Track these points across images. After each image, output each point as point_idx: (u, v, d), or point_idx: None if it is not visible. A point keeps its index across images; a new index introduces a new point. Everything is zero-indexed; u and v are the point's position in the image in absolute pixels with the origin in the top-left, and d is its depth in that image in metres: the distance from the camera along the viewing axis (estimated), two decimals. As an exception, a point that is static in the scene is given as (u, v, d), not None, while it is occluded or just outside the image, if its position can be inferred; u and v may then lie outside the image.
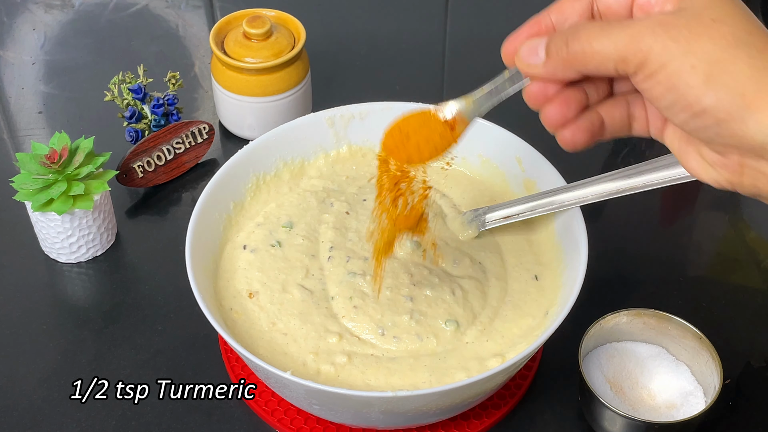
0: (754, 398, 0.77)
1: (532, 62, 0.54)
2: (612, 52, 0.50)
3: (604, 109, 0.57)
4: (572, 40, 0.52)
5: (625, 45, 0.50)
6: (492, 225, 0.78)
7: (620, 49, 0.50)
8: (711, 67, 0.48)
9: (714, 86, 0.48)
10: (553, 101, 0.55)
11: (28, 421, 0.76)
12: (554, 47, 0.53)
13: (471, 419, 0.75)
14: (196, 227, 0.74)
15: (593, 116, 0.56)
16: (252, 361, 0.65)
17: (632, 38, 0.49)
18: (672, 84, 0.49)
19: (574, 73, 0.53)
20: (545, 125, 0.56)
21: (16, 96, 1.07)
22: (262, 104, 0.97)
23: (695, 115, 0.49)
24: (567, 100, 0.55)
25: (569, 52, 0.52)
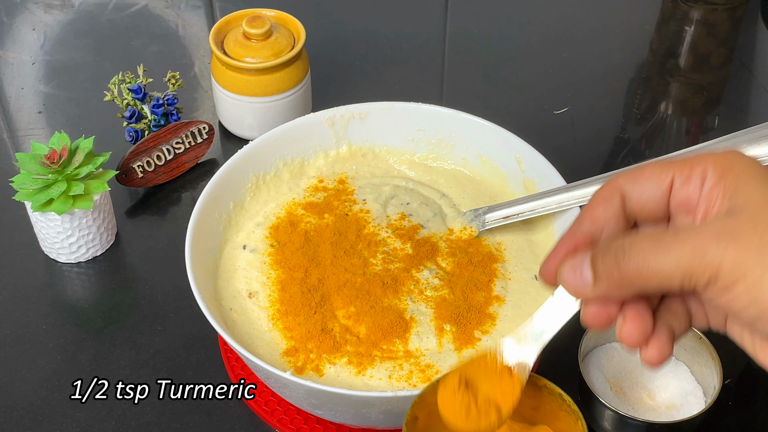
0: (754, 398, 0.77)
1: (579, 284, 0.48)
2: (674, 269, 0.45)
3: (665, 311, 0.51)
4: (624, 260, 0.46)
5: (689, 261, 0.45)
6: (492, 225, 0.78)
7: (684, 266, 0.45)
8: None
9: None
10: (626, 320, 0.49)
11: (28, 421, 0.76)
12: (603, 267, 0.47)
13: (471, 419, 0.75)
14: (196, 227, 0.74)
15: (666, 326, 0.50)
16: (252, 361, 0.65)
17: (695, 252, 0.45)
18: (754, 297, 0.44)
19: (633, 292, 0.47)
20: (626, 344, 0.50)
21: (16, 96, 1.07)
22: (262, 104, 0.97)
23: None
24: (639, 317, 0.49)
25: (622, 273, 0.46)
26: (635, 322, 0.49)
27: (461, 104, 0.86)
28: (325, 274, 0.76)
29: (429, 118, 0.85)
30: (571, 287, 0.48)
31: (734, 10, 1.13)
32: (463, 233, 0.79)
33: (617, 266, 0.46)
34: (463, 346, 0.71)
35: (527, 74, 1.09)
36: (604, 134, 1.03)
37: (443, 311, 0.73)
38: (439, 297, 0.74)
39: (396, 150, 0.87)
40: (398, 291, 0.74)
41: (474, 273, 0.76)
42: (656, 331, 0.50)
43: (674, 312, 0.51)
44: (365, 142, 0.86)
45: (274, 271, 0.76)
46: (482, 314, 0.73)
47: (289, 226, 0.80)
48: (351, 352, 0.71)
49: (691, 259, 0.45)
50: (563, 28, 1.16)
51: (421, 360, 0.70)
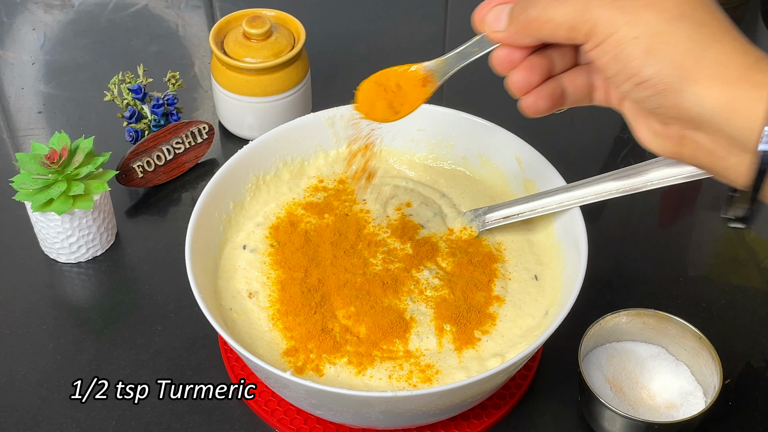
0: (754, 398, 0.77)
1: (495, 27, 0.57)
2: (563, 20, 0.53)
3: (567, 77, 0.59)
4: (530, 7, 0.55)
5: (575, 14, 0.52)
6: (492, 225, 0.78)
7: (570, 18, 0.52)
8: (652, 38, 0.50)
9: (654, 58, 0.50)
10: (519, 67, 0.58)
11: (28, 421, 0.76)
12: (514, 13, 0.56)
13: (471, 419, 0.75)
14: (196, 227, 0.74)
15: (555, 84, 0.59)
16: (252, 361, 0.65)
17: (582, 7, 0.52)
18: (616, 54, 0.51)
19: (532, 38, 0.56)
20: (510, 90, 0.59)
21: (16, 96, 1.07)
22: (262, 104, 0.97)
23: (637, 85, 0.51)
24: (532, 67, 0.58)
25: (526, 18, 0.55)
26: (524, 71, 0.57)
27: (461, 104, 0.86)
28: (325, 274, 0.76)
29: (429, 118, 0.85)
30: (490, 28, 0.58)
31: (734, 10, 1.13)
32: (463, 233, 0.79)
33: (524, 12, 0.55)
34: (463, 346, 0.71)
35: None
36: (604, 134, 1.03)
37: (443, 311, 0.73)
38: (439, 297, 0.74)
39: (396, 150, 0.87)
40: (398, 291, 0.74)
41: (474, 273, 0.76)
42: (542, 86, 0.58)
43: (575, 79, 0.59)
44: (365, 142, 0.86)
45: (274, 271, 0.76)
46: (482, 314, 0.73)
47: (289, 226, 0.80)
48: (351, 352, 0.71)
49: (577, 13, 0.52)
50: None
51: (421, 360, 0.70)
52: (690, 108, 0.50)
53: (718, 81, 0.48)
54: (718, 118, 0.49)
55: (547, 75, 0.58)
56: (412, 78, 0.65)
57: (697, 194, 0.96)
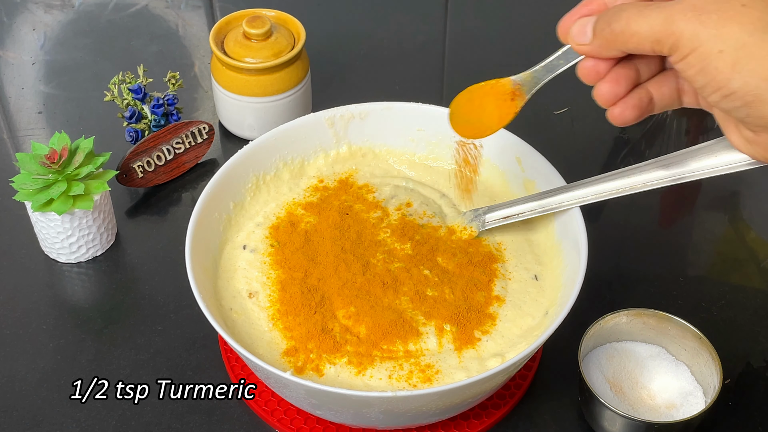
0: (754, 398, 0.77)
1: (580, 41, 0.58)
2: (648, 33, 0.53)
3: (653, 84, 0.59)
4: (614, 21, 0.55)
5: (660, 27, 0.52)
6: (492, 225, 0.78)
7: (655, 31, 0.53)
8: (737, 52, 0.50)
9: (740, 70, 0.50)
10: (605, 79, 0.58)
11: (28, 421, 0.76)
12: (599, 27, 0.56)
13: (471, 419, 0.75)
14: (196, 227, 0.74)
15: (642, 93, 0.59)
16: (252, 361, 0.65)
17: (666, 21, 0.52)
18: (702, 67, 0.51)
19: (617, 51, 0.56)
20: (597, 101, 0.59)
21: (16, 96, 1.07)
22: (262, 104, 0.97)
23: (725, 97, 0.52)
24: (618, 78, 0.58)
25: (611, 32, 0.55)
26: (610, 83, 0.58)
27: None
28: (325, 274, 0.76)
29: (429, 118, 0.85)
30: (576, 42, 0.58)
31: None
32: (463, 233, 0.79)
33: (609, 26, 0.55)
34: (463, 346, 0.71)
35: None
36: (604, 134, 1.03)
37: (443, 311, 0.73)
38: (439, 297, 0.74)
39: (396, 150, 0.87)
40: (398, 291, 0.74)
41: (474, 273, 0.76)
42: (629, 95, 0.59)
43: (662, 85, 0.59)
44: (365, 142, 0.86)
45: (274, 271, 0.76)
46: (482, 314, 0.73)
47: (289, 226, 0.80)
48: (351, 352, 0.71)
49: (662, 26, 0.52)
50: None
51: (421, 360, 0.70)
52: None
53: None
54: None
55: (633, 84, 0.59)
56: (501, 92, 0.65)
57: (697, 194, 0.96)
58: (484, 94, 0.66)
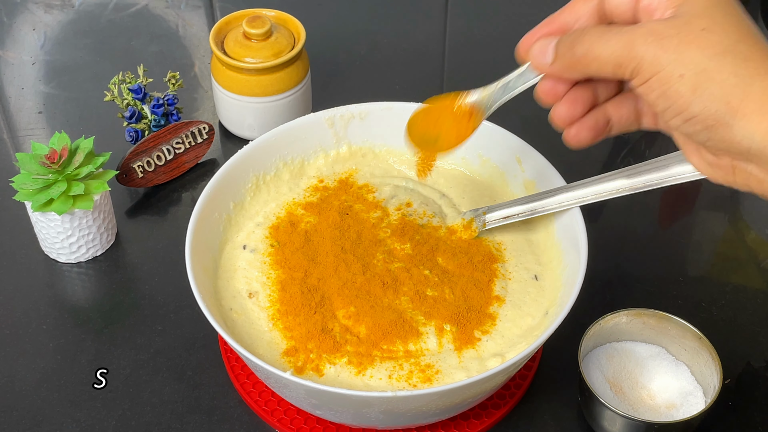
0: (754, 398, 0.77)
1: (541, 61, 0.57)
2: (609, 57, 0.53)
3: (612, 105, 0.59)
4: (576, 44, 0.55)
5: (621, 51, 0.52)
6: (492, 225, 0.78)
7: (616, 56, 0.53)
8: (698, 76, 0.50)
9: (701, 95, 0.50)
10: (563, 101, 0.58)
11: (28, 421, 0.76)
12: (561, 49, 0.56)
13: (471, 419, 0.75)
14: (196, 227, 0.74)
15: (599, 115, 0.59)
16: (252, 361, 0.65)
17: (627, 45, 0.52)
18: (663, 91, 0.51)
19: (579, 74, 0.56)
20: (553, 122, 0.59)
21: (16, 96, 1.07)
22: (262, 104, 0.97)
23: (686, 121, 0.52)
24: (575, 100, 0.58)
25: (573, 55, 0.55)
26: (567, 105, 0.58)
27: (461, 104, 0.86)
28: (325, 274, 0.76)
29: (429, 118, 0.85)
30: (536, 63, 0.58)
31: (734, 10, 1.13)
32: (463, 233, 0.79)
33: (571, 49, 0.55)
34: (463, 346, 0.71)
35: (527, 74, 1.09)
36: (604, 134, 1.02)
37: (443, 311, 0.73)
38: (439, 297, 0.74)
39: (396, 150, 0.87)
40: (398, 291, 0.74)
41: (474, 273, 0.76)
42: (585, 117, 0.59)
43: (621, 107, 0.59)
44: (365, 142, 0.86)
45: (274, 271, 0.76)
46: (482, 314, 0.73)
47: (289, 226, 0.80)
48: (351, 352, 0.71)
49: (623, 51, 0.52)
50: (563, 28, 1.16)
51: (421, 360, 0.70)
52: (740, 141, 0.50)
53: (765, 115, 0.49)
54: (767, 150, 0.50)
55: (590, 106, 0.59)
56: (459, 112, 0.65)
57: (697, 194, 0.96)
58: (441, 111, 0.66)
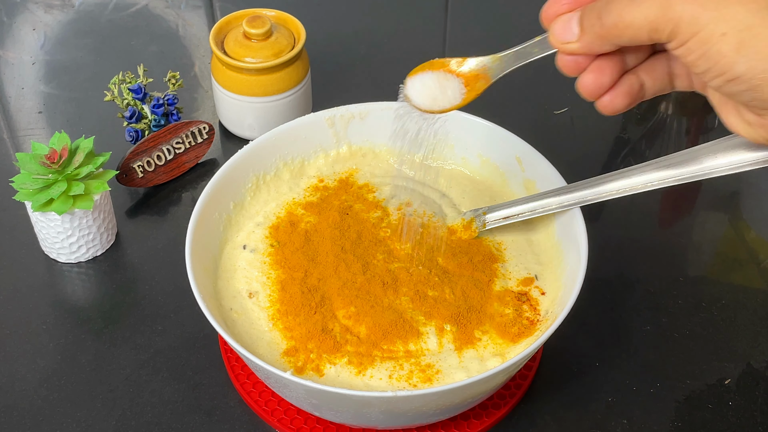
0: (754, 398, 0.77)
1: (566, 38, 0.55)
2: (643, 22, 0.50)
3: (644, 69, 0.57)
4: (605, 14, 0.52)
5: (656, 15, 0.50)
6: (492, 225, 0.78)
7: (651, 20, 0.50)
8: (741, 33, 0.48)
9: (746, 53, 0.48)
10: (588, 70, 0.55)
11: (28, 421, 0.76)
12: (587, 22, 0.53)
13: (471, 419, 0.75)
14: (196, 227, 0.74)
15: (632, 80, 0.56)
16: (252, 361, 0.65)
17: (662, 6, 0.49)
18: (704, 52, 0.49)
19: (611, 46, 0.53)
20: (581, 93, 0.57)
21: (16, 96, 1.07)
22: (262, 104, 0.97)
23: (729, 82, 0.50)
24: (602, 68, 0.55)
25: (603, 26, 0.52)
26: (594, 74, 0.55)
27: (461, 104, 0.86)
28: (325, 274, 0.76)
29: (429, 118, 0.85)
30: (559, 42, 0.55)
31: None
32: (463, 233, 0.79)
33: (599, 20, 0.52)
34: (463, 346, 0.71)
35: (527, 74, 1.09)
36: (604, 134, 1.03)
37: (443, 311, 0.73)
38: (439, 297, 0.74)
39: (396, 150, 0.87)
40: (398, 291, 0.74)
41: (474, 273, 0.76)
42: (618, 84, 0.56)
43: (653, 70, 0.56)
44: (365, 142, 0.86)
45: (274, 271, 0.77)
46: (482, 314, 0.73)
47: (289, 226, 0.80)
48: (351, 352, 0.71)
49: (658, 13, 0.49)
50: (563, 28, 1.16)
51: (422, 360, 0.70)
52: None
53: None
54: None
55: (619, 74, 0.56)
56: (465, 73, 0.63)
57: (697, 194, 0.96)
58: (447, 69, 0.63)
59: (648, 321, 0.83)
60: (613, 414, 0.76)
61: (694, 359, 0.80)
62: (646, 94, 0.57)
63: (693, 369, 0.79)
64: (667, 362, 0.80)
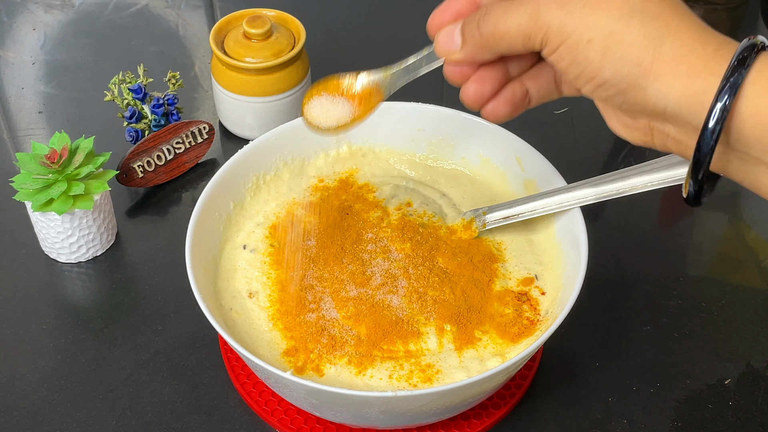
0: (754, 398, 0.77)
1: (450, 48, 0.56)
2: (517, 31, 0.52)
3: (529, 77, 0.58)
4: (482, 24, 0.53)
5: (527, 23, 0.51)
6: (492, 225, 0.78)
7: (523, 28, 0.51)
8: (606, 39, 0.49)
9: (611, 59, 0.49)
10: (471, 79, 0.57)
11: (28, 421, 0.76)
12: (468, 32, 0.55)
13: (471, 419, 0.75)
14: (196, 227, 0.74)
15: (515, 87, 0.58)
16: (252, 361, 0.65)
17: (532, 15, 0.51)
18: (573, 58, 0.50)
19: (491, 54, 0.55)
20: (464, 102, 0.58)
21: (16, 96, 1.07)
22: (262, 104, 0.97)
23: (599, 86, 0.51)
24: (482, 79, 0.57)
25: (482, 36, 0.54)
26: (475, 84, 0.57)
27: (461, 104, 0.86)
28: (325, 274, 0.76)
29: (429, 118, 0.85)
30: (444, 50, 0.57)
31: (734, 10, 1.13)
32: (463, 233, 0.79)
33: (479, 30, 0.53)
34: (463, 346, 0.71)
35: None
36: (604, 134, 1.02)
37: (443, 311, 0.73)
38: (439, 297, 0.74)
39: (396, 150, 0.87)
40: (398, 291, 0.74)
41: (474, 273, 0.76)
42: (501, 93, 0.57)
43: (537, 77, 0.58)
44: (365, 142, 0.86)
45: (274, 271, 0.77)
46: (482, 314, 0.73)
47: (289, 226, 0.80)
48: (351, 352, 0.71)
49: (529, 21, 0.51)
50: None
51: (422, 360, 0.70)
52: (655, 103, 0.50)
53: (678, 75, 0.48)
54: (682, 111, 0.49)
55: (501, 83, 0.57)
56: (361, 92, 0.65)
57: (697, 194, 0.96)
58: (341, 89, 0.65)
59: (648, 321, 0.83)
60: (613, 414, 0.76)
61: (694, 359, 0.80)
62: (532, 101, 0.59)
63: (693, 369, 0.79)
64: (667, 362, 0.80)
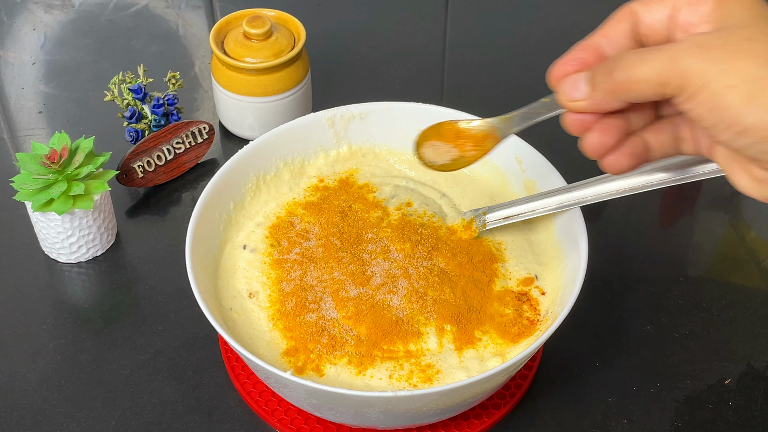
0: (754, 398, 0.77)
1: (575, 96, 0.55)
2: (652, 77, 0.50)
3: (649, 133, 0.57)
4: (615, 70, 0.52)
5: (664, 69, 0.50)
6: (492, 225, 0.78)
7: (660, 74, 0.50)
8: (750, 86, 0.48)
9: (755, 105, 0.48)
10: (593, 129, 0.55)
11: (28, 421, 0.76)
12: (598, 79, 0.53)
13: (471, 419, 0.75)
14: (196, 227, 0.74)
15: (636, 142, 0.56)
16: (252, 361, 0.65)
17: (670, 61, 0.50)
18: (713, 104, 0.49)
19: (620, 102, 0.54)
20: (585, 152, 0.57)
21: (16, 96, 1.07)
22: (262, 104, 0.97)
23: (739, 134, 0.49)
24: (606, 129, 0.55)
25: (614, 83, 0.52)
26: (599, 133, 0.55)
27: (461, 104, 0.86)
28: (325, 274, 0.76)
29: (429, 118, 0.85)
30: (567, 100, 0.55)
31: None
32: (463, 233, 0.79)
33: (610, 76, 0.52)
34: (463, 346, 0.71)
35: (527, 74, 1.09)
36: (604, 134, 1.02)
37: (443, 311, 0.73)
38: (439, 297, 0.74)
39: (396, 150, 0.87)
40: (398, 291, 0.74)
41: (474, 273, 0.76)
42: (622, 145, 0.56)
43: (659, 133, 0.56)
44: (365, 142, 0.86)
45: (274, 271, 0.77)
46: (482, 314, 0.73)
47: (289, 225, 0.80)
48: (351, 352, 0.71)
49: (667, 67, 0.50)
50: (563, 28, 1.16)
51: (422, 360, 0.70)
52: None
53: None
54: None
55: (624, 134, 0.56)
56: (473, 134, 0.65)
57: (697, 194, 0.96)
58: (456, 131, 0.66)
59: (648, 321, 0.83)
60: (613, 414, 0.76)
61: (694, 359, 0.80)
62: (653, 156, 0.57)
63: (693, 369, 0.79)
64: (667, 362, 0.80)
